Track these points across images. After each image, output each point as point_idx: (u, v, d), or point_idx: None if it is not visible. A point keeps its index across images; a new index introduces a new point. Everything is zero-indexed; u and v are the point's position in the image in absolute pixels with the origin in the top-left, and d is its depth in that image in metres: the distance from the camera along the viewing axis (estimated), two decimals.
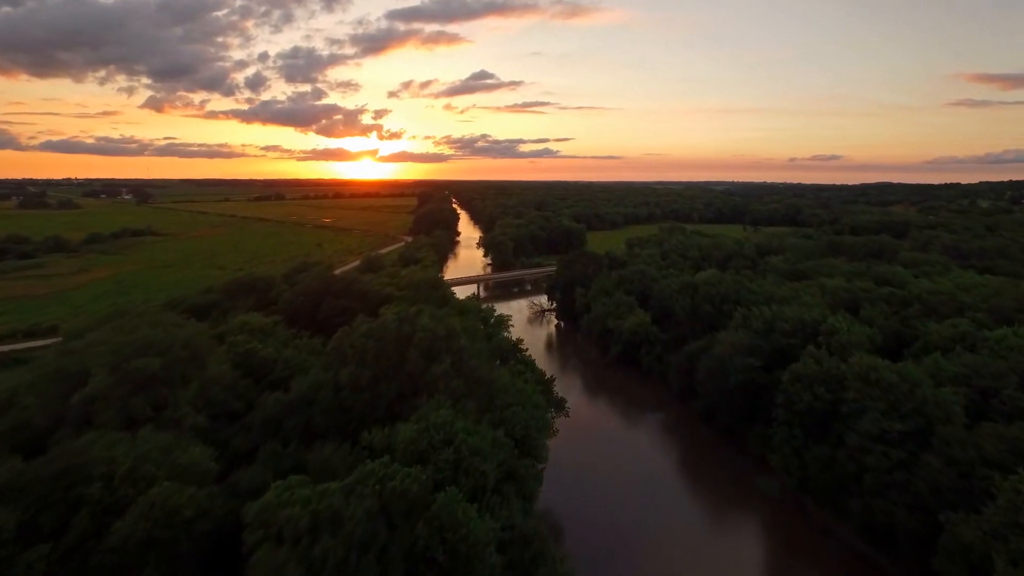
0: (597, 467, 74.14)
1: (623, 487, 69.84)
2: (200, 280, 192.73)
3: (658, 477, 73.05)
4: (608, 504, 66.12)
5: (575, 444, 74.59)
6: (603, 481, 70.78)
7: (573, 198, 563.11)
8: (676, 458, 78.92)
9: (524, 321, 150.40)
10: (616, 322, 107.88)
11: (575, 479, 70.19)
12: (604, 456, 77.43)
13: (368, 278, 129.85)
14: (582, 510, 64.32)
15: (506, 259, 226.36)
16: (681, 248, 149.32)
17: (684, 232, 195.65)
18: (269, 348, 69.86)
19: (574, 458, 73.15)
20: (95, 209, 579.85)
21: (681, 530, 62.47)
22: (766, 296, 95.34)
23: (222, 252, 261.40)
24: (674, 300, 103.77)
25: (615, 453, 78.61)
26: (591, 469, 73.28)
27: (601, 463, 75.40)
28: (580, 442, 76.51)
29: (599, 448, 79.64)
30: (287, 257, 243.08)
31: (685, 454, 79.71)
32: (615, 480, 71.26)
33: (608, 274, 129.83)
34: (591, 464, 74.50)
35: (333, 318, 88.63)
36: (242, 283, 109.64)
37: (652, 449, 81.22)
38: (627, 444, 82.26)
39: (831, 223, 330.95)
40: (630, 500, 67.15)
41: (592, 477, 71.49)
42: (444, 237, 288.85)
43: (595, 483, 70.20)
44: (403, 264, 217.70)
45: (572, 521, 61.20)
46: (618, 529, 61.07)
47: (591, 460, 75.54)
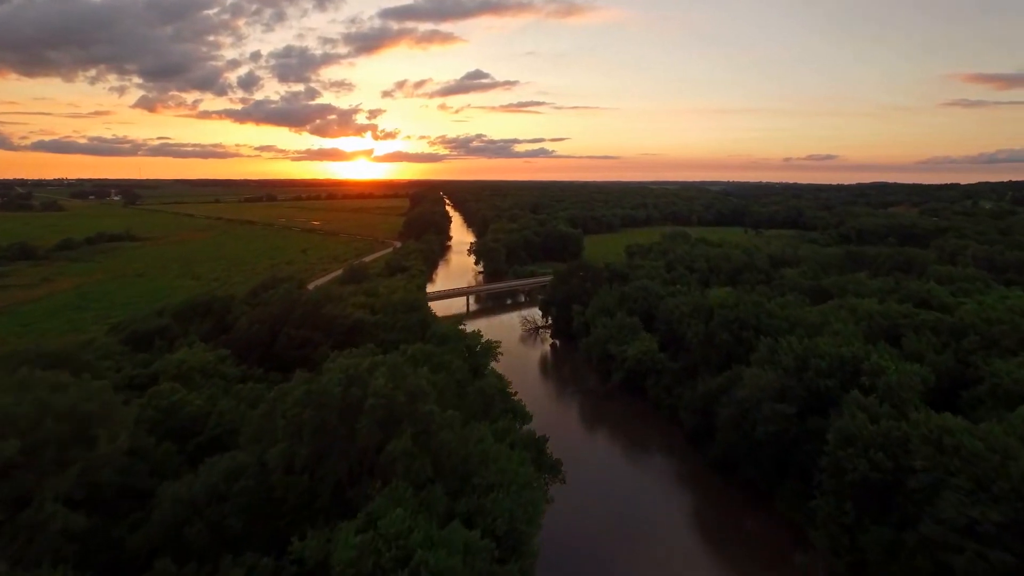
0: (591, 529, 62.00)
1: (623, 557, 57.70)
2: (171, 292, 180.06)
3: (669, 544, 60.89)
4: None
5: (566, 496, 62.25)
6: (599, 549, 58.64)
7: (569, 199, 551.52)
8: (690, 519, 66.76)
9: (516, 339, 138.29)
10: (619, 348, 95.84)
11: (563, 545, 58.02)
12: (601, 514, 65.26)
13: (345, 290, 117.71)
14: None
15: (499, 267, 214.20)
16: (687, 259, 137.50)
17: (688, 240, 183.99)
18: (202, 398, 57.51)
19: (563, 518, 60.74)
20: (79, 211, 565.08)
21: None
22: (791, 321, 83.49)
23: (202, 259, 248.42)
24: (685, 324, 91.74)
25: (615, 510, 66.44)
26: (583, 533, 61.12)
27: (597, 523, 63.26)
28: (573, 493, 64.14)
29: (595, 503, 67.47)
30: (269, 265, 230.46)
31: (701, 515, 67.57)
32: (614, 547, 59.09)
33: (609, 290, 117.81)
34: (584, 527, 62.30)
35: (291, 351, 76.38)
36: (198, 305, 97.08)
37: (660, 506, 69.08)
38: (630, 498, 70.08)
39: (836, 226, 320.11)
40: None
41: (585, 544, 59.35)
42: (435, 242, 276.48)
43: (589, 552, 58.07)
44: (389, 273, 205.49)
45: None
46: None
47: (585, 521, 63.32)
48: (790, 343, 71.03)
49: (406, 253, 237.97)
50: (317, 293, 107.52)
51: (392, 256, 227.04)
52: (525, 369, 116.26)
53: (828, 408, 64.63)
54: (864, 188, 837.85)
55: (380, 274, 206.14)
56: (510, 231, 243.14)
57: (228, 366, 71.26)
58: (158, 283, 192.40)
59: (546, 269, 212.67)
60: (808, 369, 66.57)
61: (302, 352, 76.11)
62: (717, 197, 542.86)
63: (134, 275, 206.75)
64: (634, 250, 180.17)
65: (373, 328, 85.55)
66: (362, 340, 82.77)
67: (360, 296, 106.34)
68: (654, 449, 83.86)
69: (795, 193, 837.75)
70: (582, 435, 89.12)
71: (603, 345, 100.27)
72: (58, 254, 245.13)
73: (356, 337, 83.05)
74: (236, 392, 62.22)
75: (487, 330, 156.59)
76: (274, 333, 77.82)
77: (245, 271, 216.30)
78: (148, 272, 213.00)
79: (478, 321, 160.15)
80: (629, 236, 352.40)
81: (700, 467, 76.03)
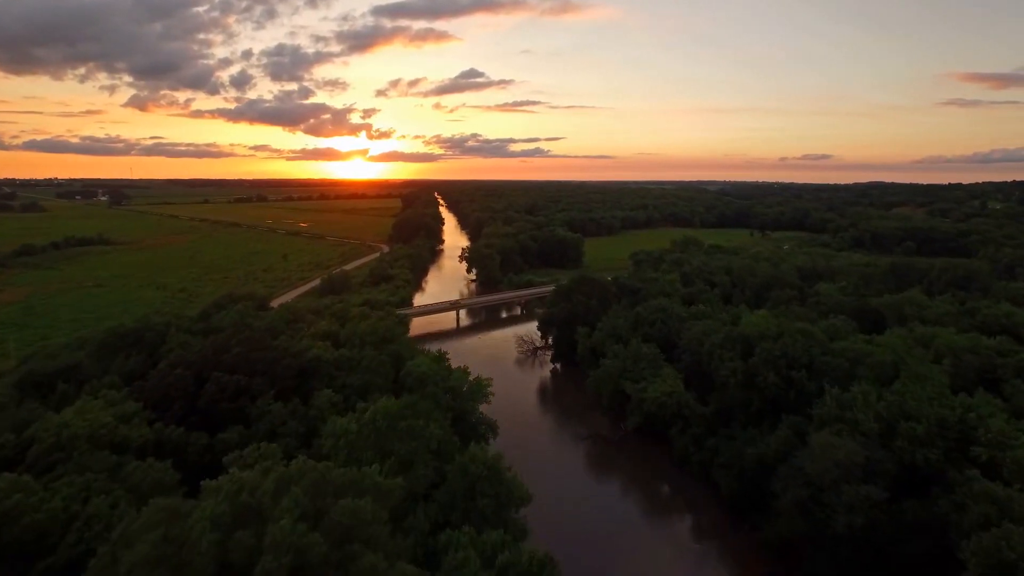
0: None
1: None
2: (130, 305, 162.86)
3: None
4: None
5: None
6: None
7: (565, 200, 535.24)
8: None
9: (511, 362, 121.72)
10: (635, 386, 79.28)
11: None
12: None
13: (309, 312, 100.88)
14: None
15: (492, 275, 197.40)
16: (706, 271, 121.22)
17: (701, 247, 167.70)
18: (64, 495, 40.71)
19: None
20: (60, 212, 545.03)
21: None
22: (851, 358, 67.27)
23: (173, 265, 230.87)
24: (716, 357, 75.29)
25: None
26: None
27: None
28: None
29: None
30: (244, 272, 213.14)
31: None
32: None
33: (620, 309, 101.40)
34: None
35: (222, 402, 59.52)
36: (125, 335, 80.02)
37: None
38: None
39: (847, 229, 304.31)
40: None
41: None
42: (425, 247, 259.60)
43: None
44: (373, 282, 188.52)
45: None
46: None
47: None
48: (866, 397, 54.67)
49: (393, 259, 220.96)
50: (272, 317, 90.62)
51: (377, 263, 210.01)
52: (521, 402, 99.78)
53: (929, 487, 48.55)
54: (865, 188, 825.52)
55: (363, 283, 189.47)
56: (505, 236, 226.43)
57: (135, 427, 54.38)
58: (117, 294, 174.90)
59: (543, 278, 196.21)
60: (898, 435, 50.26)
61: (236, 404, 59.31)
62: (720, 199, 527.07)
63: (93, 285, 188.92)
64: (641, 258, 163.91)
65: (333, 368, 68.73)
66: (318, 385, 66.10)
67: (325, 321, 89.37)
68: (683, 518, 67.42)
69: (795, 193, 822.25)
70: (590, 494, 72.54)
71: (615, 380, 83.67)
72: (16, 260, 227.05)
73: (310, 381, 66.31)
74: (126, 476, 45.40)
75: (478, 350, 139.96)
76: (201, 379, 60.91)
77: (217, 280, 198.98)
78: (110, 281, 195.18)
79: (468, 339, 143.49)
80: (630, 239, 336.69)
81: (747, 547, 59.58)
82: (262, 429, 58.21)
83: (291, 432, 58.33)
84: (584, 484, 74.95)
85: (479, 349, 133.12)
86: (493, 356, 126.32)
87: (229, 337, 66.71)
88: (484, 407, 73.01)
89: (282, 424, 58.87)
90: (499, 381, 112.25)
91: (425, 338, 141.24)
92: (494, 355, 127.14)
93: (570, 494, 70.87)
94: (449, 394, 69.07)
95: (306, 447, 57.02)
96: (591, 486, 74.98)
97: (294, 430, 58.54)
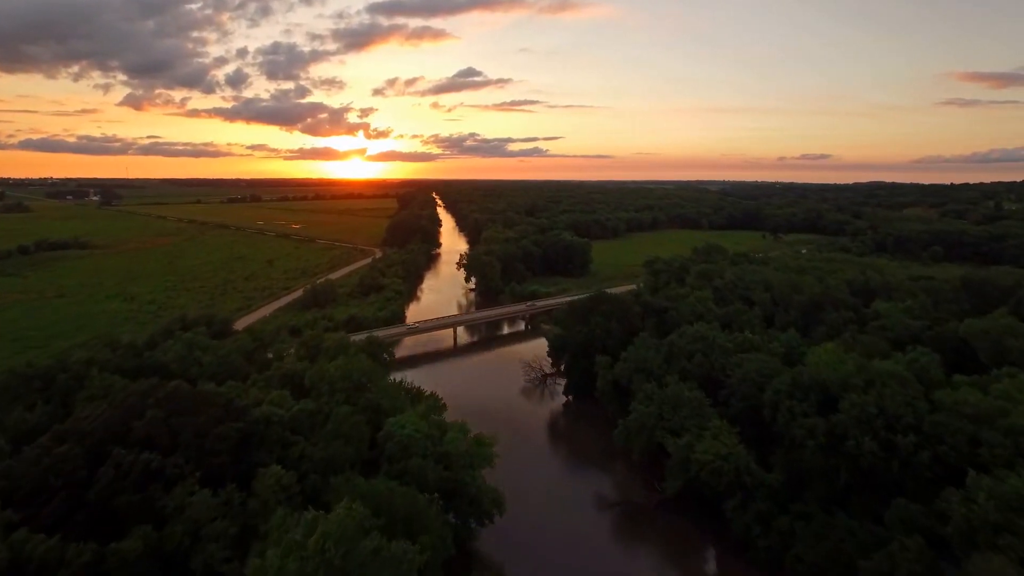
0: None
1: None
2: (91, 318, 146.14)
3: None
4: None
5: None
6: None
7: (566, 200, 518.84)
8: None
9: (517, 392, 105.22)
10: (676, 441, 62.74)
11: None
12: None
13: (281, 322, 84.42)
14: None
15: (493, 284, 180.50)
16: (740, 285, 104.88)
17: (725, 255, 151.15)
18: None
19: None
20: (45, 213, 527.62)
21: None
22: (971, 415, 50.86)
23: (150, 272, 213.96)
24: (783, 410, 58.81)
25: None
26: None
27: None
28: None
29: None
30: (223, 280, 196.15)
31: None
32: None
33: (648, 337, 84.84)
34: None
35: (123, 492, 42.87)
36: (32, 376, 63.38)
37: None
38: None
39: (866, 232, 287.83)
40: None
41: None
42: (420, 252, 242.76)
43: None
44: (362, 292, 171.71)
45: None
46: None
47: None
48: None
49: (385, 266, 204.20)
50: (228, 350, 73.82)
51: (368, 271, 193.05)
52: (529, 447, 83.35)
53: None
54: (871, 188, 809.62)
55: (351, 294, 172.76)
56: (506, 240, 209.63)
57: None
58: (79, 306, 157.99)
59: (549, 287, 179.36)
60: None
61: (143, 495, 42.66)
62: (725, 199, 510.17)
63: (55, 295, 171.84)
64: (659, 267, 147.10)
65: (289, 432, 52.03)
66: (265, 458, 49.41)
67: (293, 352, 72.67)
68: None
69: (800, 194, 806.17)
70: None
71: (650, 432, 67.11)
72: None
73: (255, 453, 49.57)
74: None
75: (479, 376, 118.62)
76: (99, 456, 44.25)
77: (193, 289, 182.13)
78: (75, 291, 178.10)
79: (467, 361, 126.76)
80: (637, 242, 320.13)
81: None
82: (178, 531, 41.68)
83: (219, 534, 41.82)
84: (610, 566, 58.32)
85: (480, 374, 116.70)
86: (495, 383, 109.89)
87: (144, 395, 49.78)
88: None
89: (209, 522, 42.35)
90: (503, 418, 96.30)
91: (419, 359, 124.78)
92: (497, 382, 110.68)
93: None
94: (442, 463, 52.68)
95: (240, 559, 40.62)
96: (619, 568, 58.30)
97: (223, 532, 42.01)
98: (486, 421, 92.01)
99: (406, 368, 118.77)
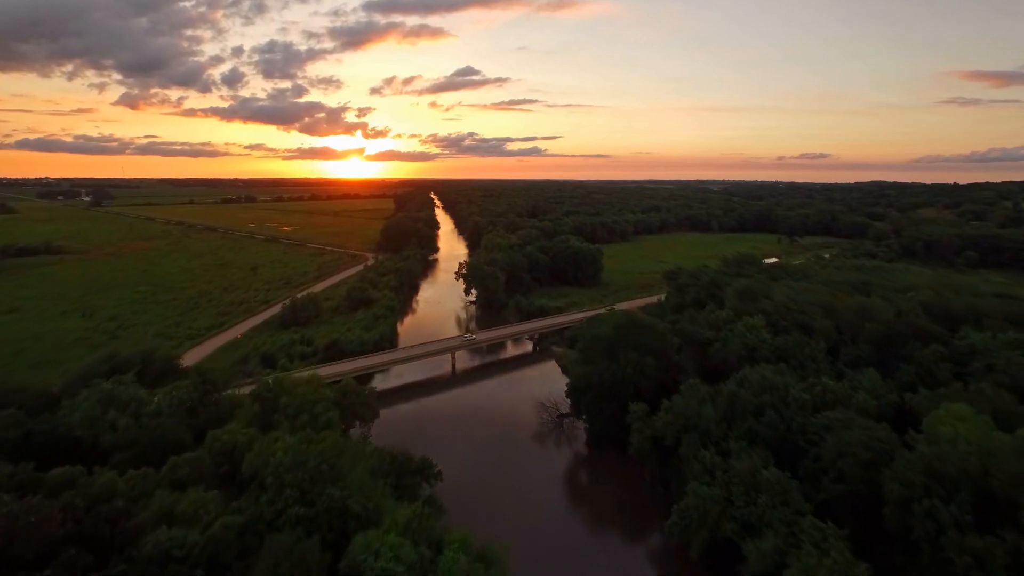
0: None
1: None
2: (38, 340, 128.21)
3: None
4: None
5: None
6: None
7: (568, 201, 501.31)
8: None
9: (528, 435, 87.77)
10: (760, 549, 45.32)
11: None
12: None
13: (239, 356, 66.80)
14: None
15: (496, 297, 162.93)
16: (794, 308, 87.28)
17: (757, 264, 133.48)
18: None
19: None
20: (30, 215, 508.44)
21: None
22: None
23: (121, 282, 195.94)
24: (921, 513, 41.44)
25: None
26: None
27: None
28: None
29: None
30: (199, 292, 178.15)
31: None
32: None
33: (698, 384, 67.22)
34: None
35: None
36: None
37: None
38: None
39: (892, 236, 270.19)
40: None
41: None
42: (415, 258, 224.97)
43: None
44: (349, 307, 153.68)
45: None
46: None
47: None
48: None
49: (377, 275, 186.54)
50: (154, 409, 56.13)
51: (358, 282, 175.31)
52: (546, 518, 65.87)
53: None
54: (881, 188, 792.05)
55: (337, 309, 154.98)
56: (510, 247, 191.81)
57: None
58: (29, 324, 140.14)
59: (557, 301, 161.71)
60: None
61: None
62: (734, 200, 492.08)
63: (6, 310, 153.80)
64: (684, 281, 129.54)
65: (197, 572, 34.36)
66: None
67: (241, 416, 55.21)
68: None
69: (806, 194, 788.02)
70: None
71: (714, 525, 49.70)
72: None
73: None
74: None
75: (480, 413, 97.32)
76: None
77: (164, 302, 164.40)
78: (30, 305, 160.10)
79: (467, 392, 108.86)
80: (647, 246, 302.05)
81: None
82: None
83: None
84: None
85: (482, 410, 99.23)
86: (501, 423, 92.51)
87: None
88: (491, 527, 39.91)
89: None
90: (512, 473, 78.93)
91: (411, 390, 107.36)
92: (502, 421, 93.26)
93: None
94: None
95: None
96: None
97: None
98: (489, 478, 74.99)
99: (395, 401, 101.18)
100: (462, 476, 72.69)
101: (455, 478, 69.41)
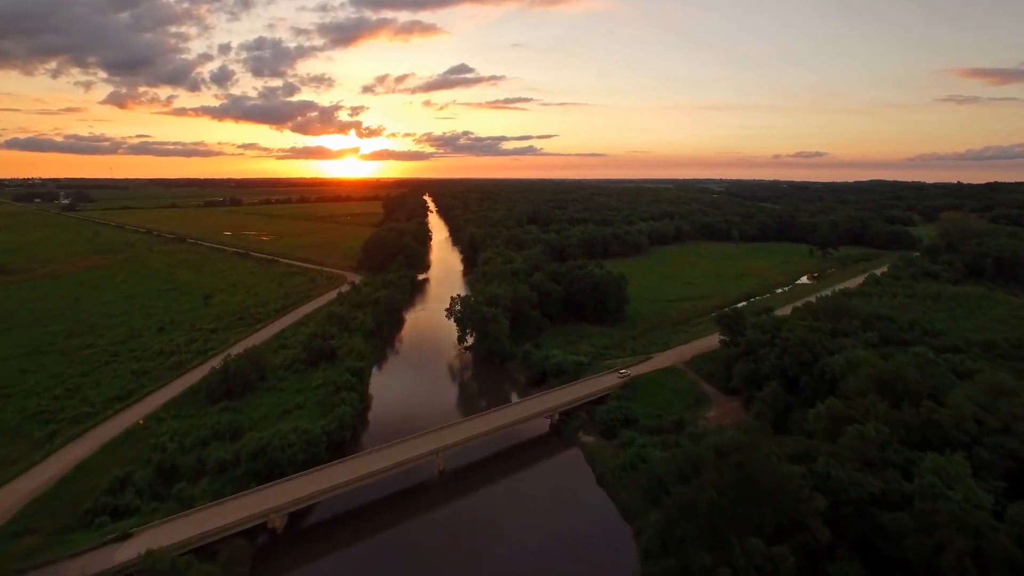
0: None
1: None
2: None
3: None
4: None
5: None
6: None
7: (570, 204, 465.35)
8: None
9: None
10: None
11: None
12: None
13: None
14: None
15: (498, 345, 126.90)
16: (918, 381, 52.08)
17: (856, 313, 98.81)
18: None
19: None
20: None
21: None
22: None
23: (35, 316, 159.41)
24: None
25: None
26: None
27: None
28: None
29: None
30: (126, 335, 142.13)
31: None
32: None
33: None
34: None
35: None
36: None
37: None
38: None
39: (950, 251, 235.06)
40: None
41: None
42: (400, 282, 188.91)
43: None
44: (308, 361, 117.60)
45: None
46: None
47: None
48: None
49: (352, 308, 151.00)
50: None
51: (325, 319, 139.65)
52: None
53: None
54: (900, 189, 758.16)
55: (292, 365, 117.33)
56: (513, 275, 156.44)
57: None
58: None
59: (575, 348, 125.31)
60: None
61: None
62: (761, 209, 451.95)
63: None
64: (733, 325, 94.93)
65: None
66: None
67: None
68: None
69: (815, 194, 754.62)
70: None
71: None
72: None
73: None
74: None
75: (485, 557, 61.11)
76: None
77: (73, 352, 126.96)
78: None
79: (460, 510, 71.84)
80: (665, 261, 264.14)
81: None
82: None
83: None
84: None
85: (489, 554, 64.04)
86: None
87: None
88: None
89: None
90: None
91: (375, 511, 72.09)
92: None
93: None
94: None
95: None
96: None
97: None
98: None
99: (347, 532, 64.88)
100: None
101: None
